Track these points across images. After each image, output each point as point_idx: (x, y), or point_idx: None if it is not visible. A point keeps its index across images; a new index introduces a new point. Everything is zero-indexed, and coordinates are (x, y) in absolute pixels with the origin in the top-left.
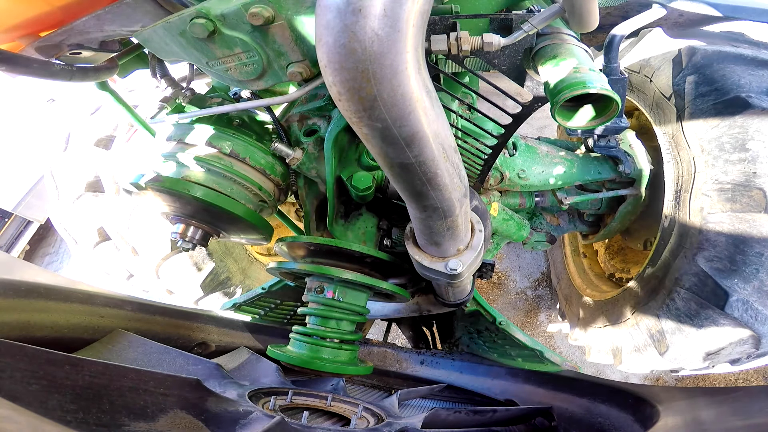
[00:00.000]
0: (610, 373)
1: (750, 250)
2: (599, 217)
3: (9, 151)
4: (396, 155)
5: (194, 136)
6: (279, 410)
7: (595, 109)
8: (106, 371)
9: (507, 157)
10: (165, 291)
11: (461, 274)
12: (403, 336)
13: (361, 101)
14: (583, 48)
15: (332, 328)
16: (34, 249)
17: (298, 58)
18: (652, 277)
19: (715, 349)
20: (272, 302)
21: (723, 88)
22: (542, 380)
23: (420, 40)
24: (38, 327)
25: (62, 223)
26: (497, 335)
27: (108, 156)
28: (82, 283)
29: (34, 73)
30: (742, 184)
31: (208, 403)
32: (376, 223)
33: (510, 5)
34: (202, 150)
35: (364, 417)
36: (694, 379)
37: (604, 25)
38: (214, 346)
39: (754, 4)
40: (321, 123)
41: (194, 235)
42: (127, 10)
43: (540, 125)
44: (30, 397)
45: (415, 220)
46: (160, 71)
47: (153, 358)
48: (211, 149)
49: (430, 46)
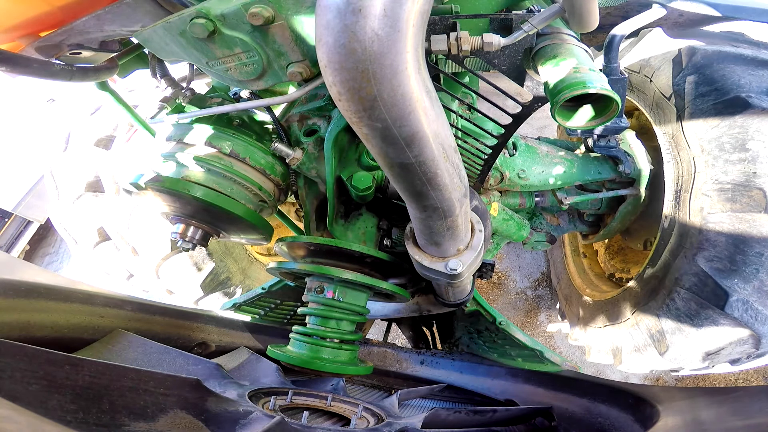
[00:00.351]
0: (610, 373)
1: (750, 250)
2: (599, 217)
3: (9, 151)
4: (396, 155)
5: (194, 136)
6: (279, 410)
7: (595, 109)
8: (107, 371)
9: (507, 157)
10: (165, 291)
11: (461, 274)
12: (403, 336)
13: (361, 101)
14: (583, 48)
15: (332, 328)
16: (34, 249)
17: (298, 58)
18: (652, 277)
19: (715, 349)
20: (272, 302)
21: (723, 88)
22: (542, 380)
23: (420, 40)
24: (38, 327)
25: (62, 223)
26: (497, 335)
27: (108, 156)
28: (82, 283)
29: (34, 73)
30: (742, 184)
31: (208, 403)
32: (376, 223)
33: (510, 5)
34: (202, 150)
35: (364, 417)
36: (694, 379)
37: (604, 25)
38: (214, 346)
39: (754, 4)
40: (321, 123)
41: (194, 235)
42: (127, 10)
43: (540, 125)
44: (30, 397)
45: (415, 220)
46: (160, 71)
47: (153, 358)
48: (211, 149)
49: (430, 46)
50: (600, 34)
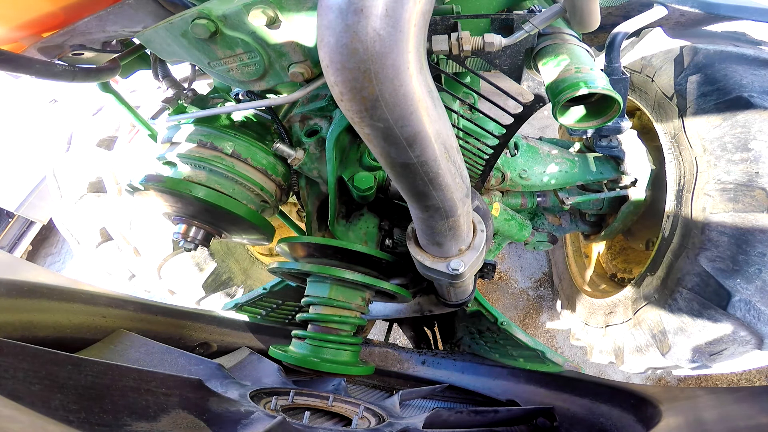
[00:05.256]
0: (611, 373)
1: (752, 250)
2: (601, 217)
3: (12, 152)
4: (398, 155)
5: (196, 136)
6: (280, 410)
7: (597, 109)
8: (109, 371)
9: (508, 157)
10: (167, 291)
11: (463, 274)
12: (405, 336)
13: (363, 101)
14: (584, 48)
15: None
16: (37, 249)
17: (300, 59)
18: (654, 277)
19: (718, 349)
20: (274, 302)
21: (725, 87)
22: (544, 380)
23: (422, 40)
24: (41, 327)
25: (65, 223)
26: (499, 335)
27: (110, 156)
28: (85, 283)
29: (37, 74)
30: (744, 184)
31: (210, 403)
32: (378, 224)
33: (511, 5)
34: (204, 151)
35: (365, 417)
36: (696, 380)
37: (606, 25)
38: (216, 346)
39: (755, 3)
40: (322, 123)
41: (196, 236)
42: (129, 10)
43: (542, 125)
44: (33, 396)
45: (416, 221)
46: (161, 72)
47: (155, 358)
48: (212, 150)
49: (432, 46)
50: (601, 34)
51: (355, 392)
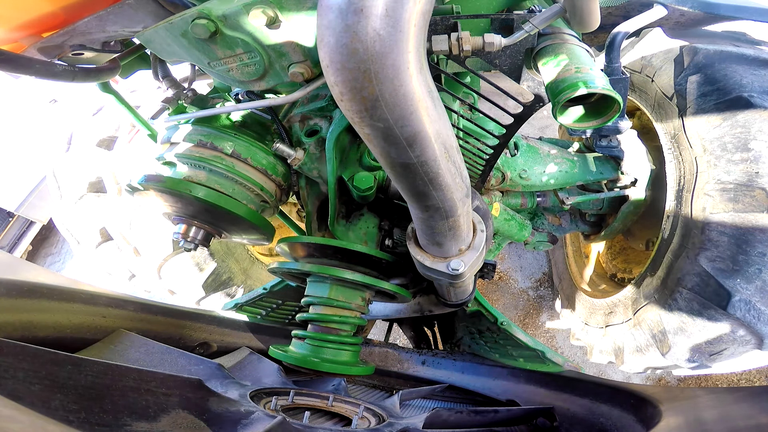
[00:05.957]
0: (611, 373)
1: (752, 250)
2: (601, 217)
3: (12, 152)
4: (398, 155)
5: (195, 136)
6: (280, 410)
7: (597, 109)
8: (109, 371)
9: (508, 157)
10: (167, 291)
11: (463, 274)
12: (405, 336)
13: (363, 101)
14: (584, 48)
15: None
16: (37, 249)
17: (300, 59)
18: (654, 277)
19: (718, 349)
20: (274, 302)
21: (725, 87)
22: (544, 380)
23: (422, 40)
24: (41, 327)
25: (65, 223)
26: (499, 335)
27: (110, 156)
28: (85, 283)
29: (37, 74)
30: (744, 184)
31: (210, 403)
32: (378, 224)
33: (511, 5)
34: (204, 151)
35: (365, 417)
36: (696, 380)
37: (606, 25)
38: (216, 347)
39: (755, 3)
40: (322, 123)
41: (196, 236)
42: (128, 10)
43: (542, 125)
44: (33, 396)
45: (416, 221)
46: (161, 72)
47: (155, 358)
48: (212, 150)
49: (432, 46)
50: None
51: (355, 392)
